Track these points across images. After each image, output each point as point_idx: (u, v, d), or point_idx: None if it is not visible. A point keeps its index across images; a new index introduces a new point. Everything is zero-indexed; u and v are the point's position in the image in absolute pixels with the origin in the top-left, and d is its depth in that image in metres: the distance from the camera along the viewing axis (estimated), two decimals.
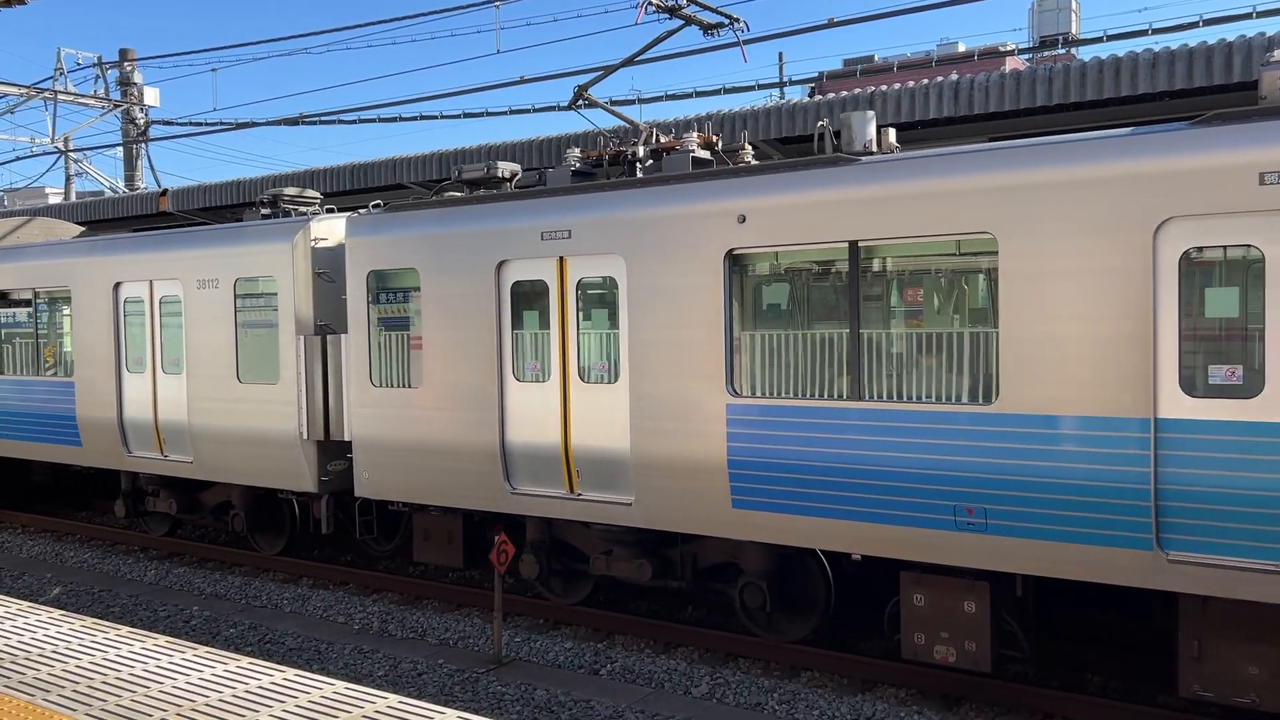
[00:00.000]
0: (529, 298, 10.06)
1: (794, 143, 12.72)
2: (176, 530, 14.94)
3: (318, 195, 13.39)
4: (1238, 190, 6.53)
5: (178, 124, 29.13)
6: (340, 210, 13.09)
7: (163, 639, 5.98)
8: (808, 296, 8.56)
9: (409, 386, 10.82)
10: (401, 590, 12.07)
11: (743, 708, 8.54)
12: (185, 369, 12.92)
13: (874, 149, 8.74)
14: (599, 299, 9.63)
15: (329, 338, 11.54)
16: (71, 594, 12.73)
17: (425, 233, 10.60)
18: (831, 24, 14.93)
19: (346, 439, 11.42)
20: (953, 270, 7.94)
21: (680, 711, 8.44)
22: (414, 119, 22.01)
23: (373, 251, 11.01)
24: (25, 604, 6.81)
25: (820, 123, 9.51)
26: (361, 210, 11.53)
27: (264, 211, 13.10)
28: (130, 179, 28.72)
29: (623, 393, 9.38)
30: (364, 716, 4.68)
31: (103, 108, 28.20)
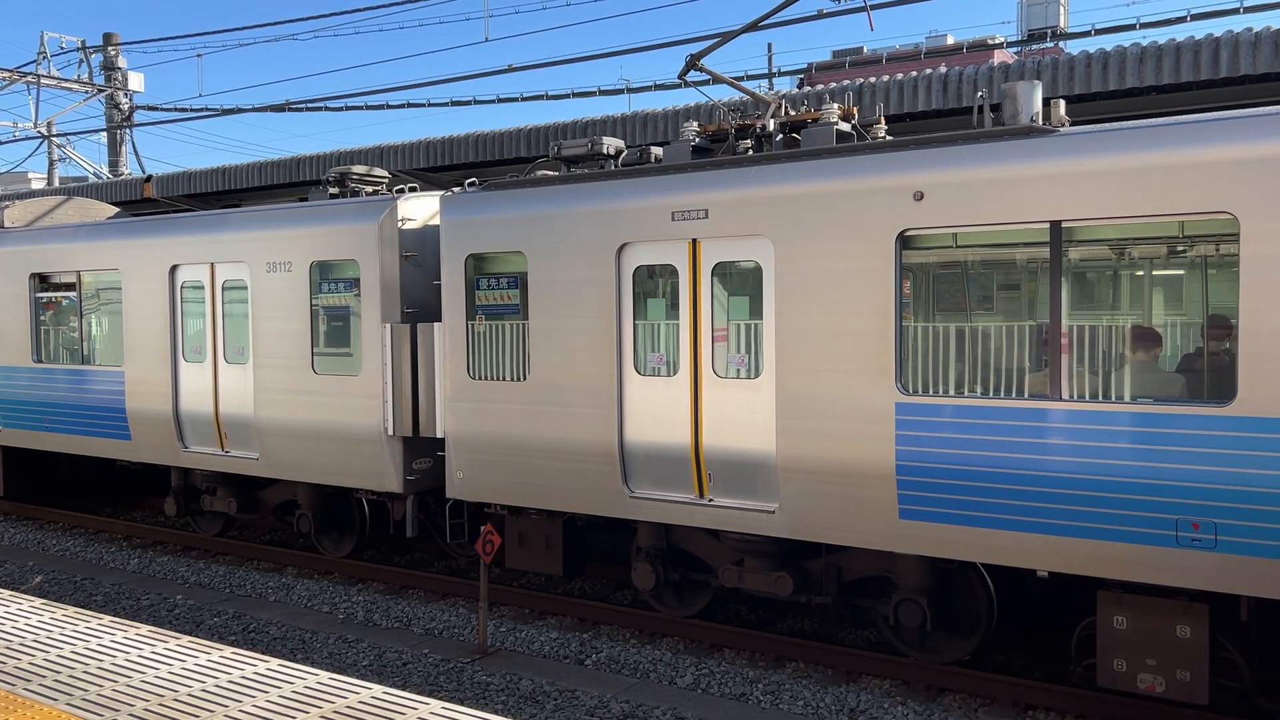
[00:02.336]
0: (654, 284, 9.17)
1: (918, 118, 11.89)
2: (228, 531, 14.06)
3: (385, 174, 12.47)
4: None
5: (162, 110, 29.03)
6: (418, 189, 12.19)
7: (145, 628, 6.00)
8: (995, 283, 7.69)
9: (513, 380, 9.93)
10: (387, 580, 12.00)
11: (728, 698, 8.48)
12: (251, 359, 12.00)
13: (1040, 122, 7.88)
14: (739, 285, 8.75)
15: (419, 326, 10.64)
16: (53, 582, 12.45)
17: (533, 213, 9.70)
18: (821, 15, 14.37)
19: (437, 436, 10.53)
20: (1181, 255, 7.07)
21: (665, 702, 8.33)
22: (401, 106, 21.45)
23: (472, 233, 10.11)
24: (6, 592, 6.75)
25: (979, 94, 8.64)
26: (456, 188, 10.63)
27: (332, 191, 12.18)
28: (114, 165, 28.33)
29: (767, 389, 8.51)
30: (348, 707, 4.71)
31: (86, 93, 27.93)
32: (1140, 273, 7.22)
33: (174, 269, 12.81)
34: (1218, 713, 7.53)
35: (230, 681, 5.12)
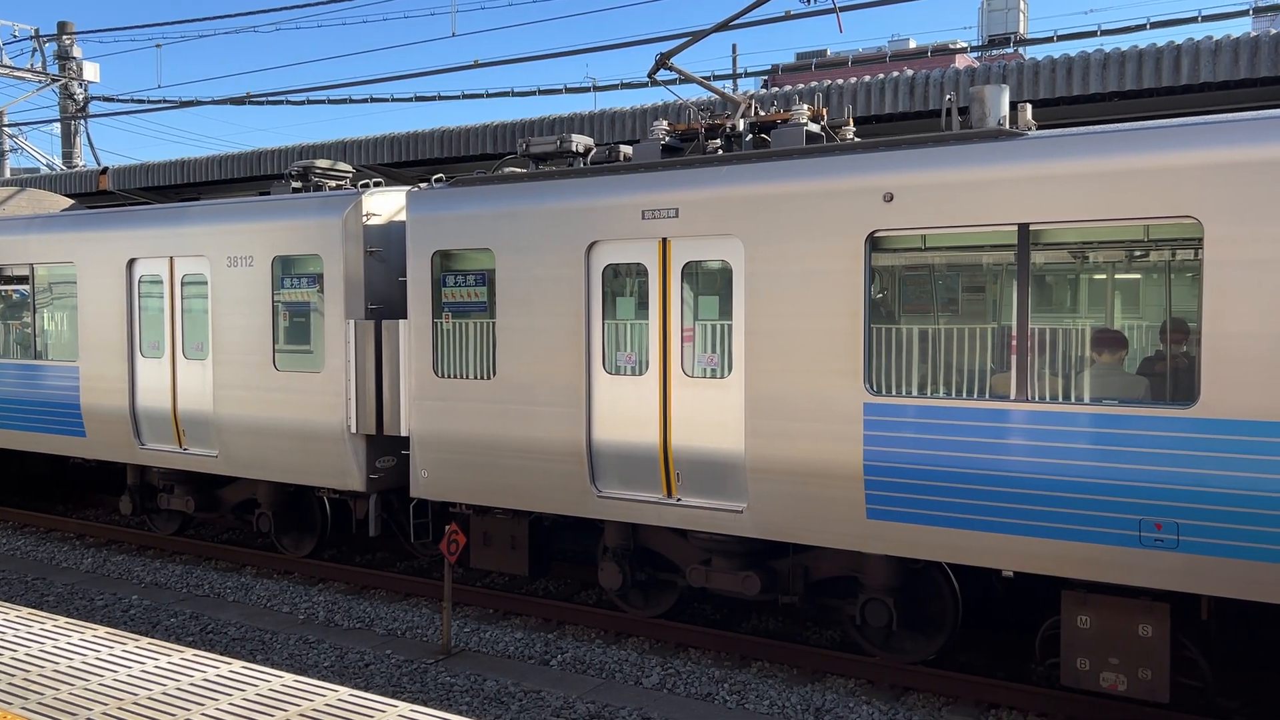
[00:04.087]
0: (624, 283, 9.13)
1: (885, 121, 11.96)
2: (186, 530, 13.81)
3: (349, 169, 12.32)
4: None
5: (119, 101, 28.59)
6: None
7: (103, 630, 5.87)
8: (963, 284, 7.74)
9: (480, 378, 9.84)
10: (348, 580, 11.87)
11: (693, 698, 8.46)
12: (211, 355, 11.79)
13: (1007, 125, 7.95)
14: (709, 285, 8.74)
15: (384, 323, 10.51)
16: (3, 582, 12.18)
17: (502, 209, 9.62)
18: (789, 16, 14.52)
19: (402, 434, 10.41)
20: (1145, 259, 7.16)
21: (631, 702, 8.30)
22: (364, 101, 21.31)
23: (439, 229, 10.00)
24: None
25: (948, 97, 8.71)
26: (423, 184, 10.51)
27: (294, 185, 12.00)
28: (68, 156, 27.85)
29: (736, 389, 8.50)
30: (315, 710, 4.61)
31: (40, 82, 27.40)
32: (1105, 276, 7.30)
33: (131, 262, 12.55)
34: (1178, 711, 7.64)
35: (192, 684, 5.01)
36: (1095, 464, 7.02)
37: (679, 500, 8.87)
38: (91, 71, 28.51)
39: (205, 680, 5.08)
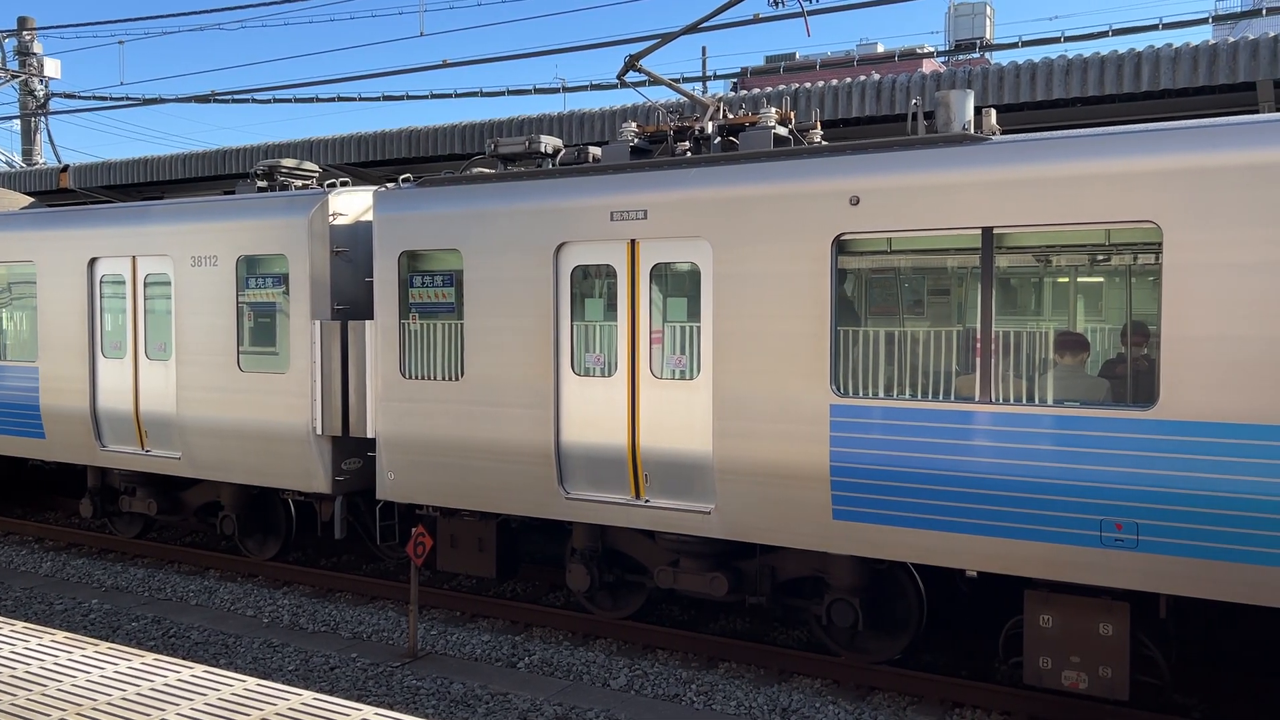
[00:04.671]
0: (592, 284, 9.13)
1: (852, 124, 12.05)
2: (148, 533, 13.63)
3: (316, 168, 12.22)
4: None
5: (80, 98, 28.18)
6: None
7: (61, 634, 5.80)
8: (928, 287, 7.82)
9: (448, 379, 9.80)
10: (313, 583, 11.79)
11: (661, 699, 8.48)
12: (174, 355, 11.65)
13: (972, 130, 8.04)
14: (677, 286, 8.76)
15: (350, 324, 10.43)
16: None
17: (470, 210, 9.58)
18: (757, 19, 14.65)
19: (368, 436, 10.34)
20: (1107, 262, 7.27)
21: (598, 704, 8.30)
22: (331, 100, 21.15)
23: (406, 229, 9.95)
24: None
25: (914, 101, 8.79)
26: (390, 184, 10.46)
27: (260, 184, 11.89)
28: (28, 154, 27.41)
29: (704, 390, 8.53)
30: (278, 714, 4.58)
31: None
32: (1068, 279, 7.40)
33: (93, 262, 12.38)
34: (1137, 708, 7.75)
35: (153, 689, 4.95)
36: (1058, 465, 7.11)
37: (647, 502, 8.88)
38: (52, 68, 28.12)
39: (167, 685, 5.02)
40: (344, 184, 11.39)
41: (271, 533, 12.21)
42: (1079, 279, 7.46)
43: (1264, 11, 15.67)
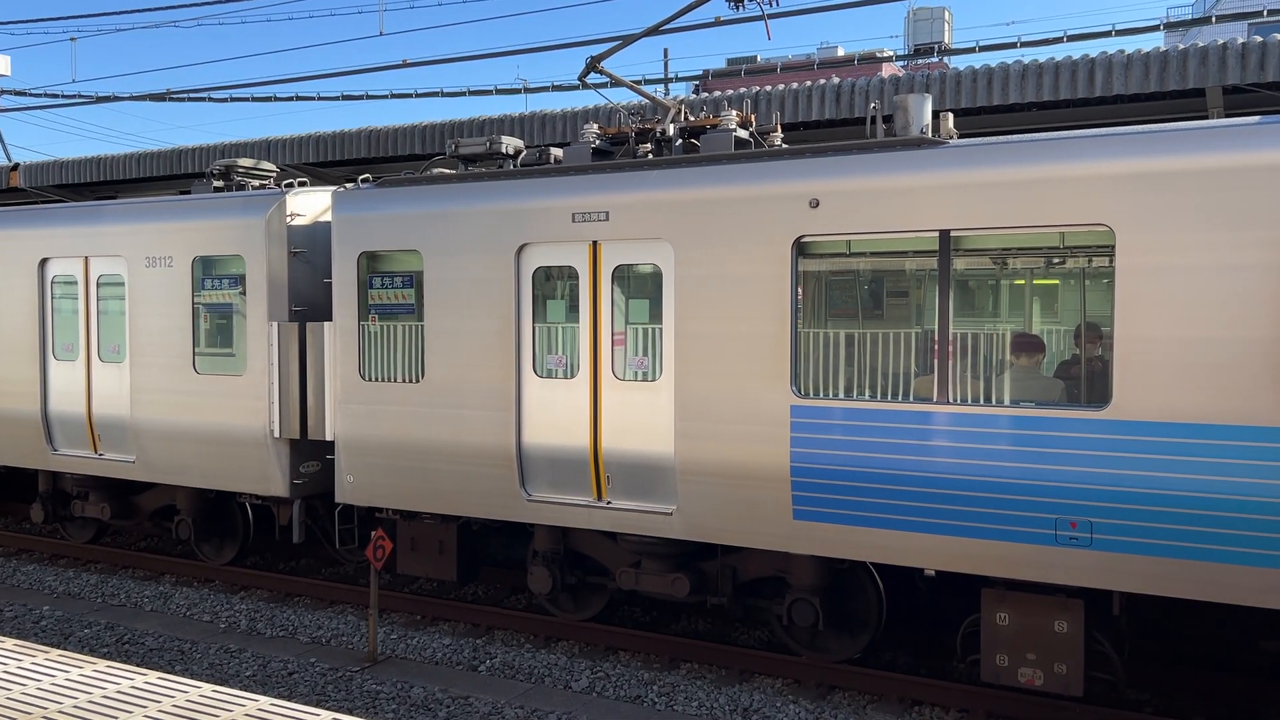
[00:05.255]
0: (554, 286, 9.12)
1: (812, 127, 12.13)
2: (101, 538, 13.39)
3: (273, 168, 12.09)
4: None
5: (31, 95, 27.61)
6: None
7: (10, 642, 5.76)
8: (886, 289, 7.89)
9: (408, 381, 9.73)
10: (271, 587, 11.67)
11: (623, 700, 8.48)
12: (128, 357, 11.47)
13: (929, 134, 8.13)
14: (639, 288, 8.77)
15: (308, 325, 10.33)
16: None
17: (430, 211, 9.52)
18: (718, 22, 14.75)
19: (327, 439, 10.24)
20: (1062, 265, 7.38)
21: (560, 706, 8.29)
22: (290, 99, 20.97)
23: (365, 230, 9.87)
24: None
25: (872, 105, 8.87)
26: (349, 184, 10.37)
27: (216, 184, 11.74)
28: None
29: (666, 392, 8.54)
30: None
31: None
32: (1024, 281, 7.50)
33: (44, 262, 12.15)
34: (1091, 704, 7.87)
35: (105, 697, 4.87)
36: (1014, 465, 7.20)
37: (609, 503, 8.88)
38: (2, 64, 27.60)
39: (120, 692, 4.94)
40: (302, 184, 11.28)
41: (228, 537, 12.06)
42: (1035, 281, 7.57)
43: (1214, 19, 16.03)
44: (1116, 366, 6.89)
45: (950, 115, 8.26)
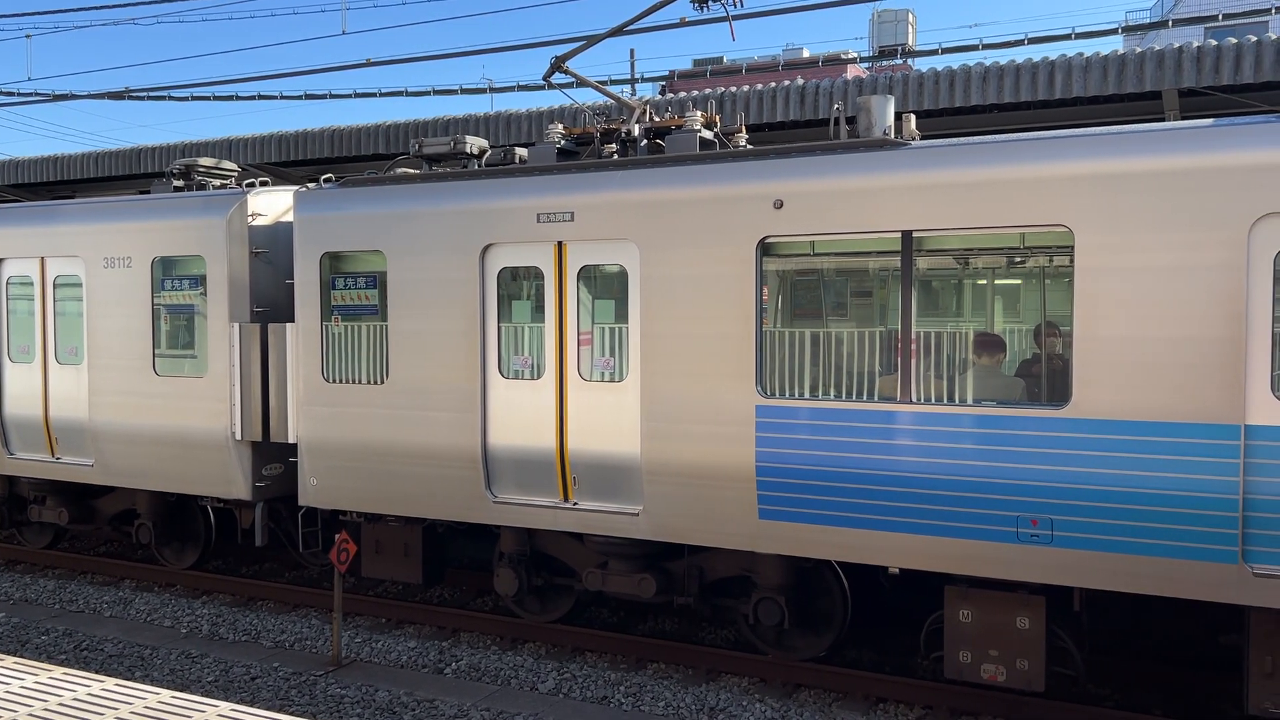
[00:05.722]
0: (519, 286, 9.09)
1: (777, 128, 12.19)
2: (59, 543, 13.18)
3: (235, 168, 11.96)
4: None
5: None
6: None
7: None
8: (850, 289, 7.94)
9: (371, 383, 9.65)
10: (234, 591, 11.56)
11: (590, 701, 8.47)
12: (86, 359, 11.29)
13: (892, 135, 8.20)
14: (605, 289, 8.76)
15: (270, 326, 10.22)
16: None
17: (393, 211, 9.46)
18: (684, 23, 14.82)
19: (289, 441, 10.14)
20: (1021, 265, 7.46)
21: (527, 708, 8.27)
22: (252, 98, 20.76)
23: (328, 230, 9.78)
24: None
25: (836, 106, 8.93)
26: (311, 184, 10.27)
27: (176, 184, 11.59)
28: None
29: (632, 392, 8.54)
30: None
31: None
32: (986, 281, 7.58)
33: None
34: (1053, 699, 7.97)
35: (61, 705, 4.80)
36: (976, 463, 7.27)
37: (575, 504, 8.86)
38: None
39: (76, 700, 4.87)
40: (264, 184, 11.16)
41: (190, 541, 11.91)
42: (996, 281, 7.66)
43: (1170, 23, 16.31)
44: (1076, 366, 6.97)
45: (913, 117, 8.34)
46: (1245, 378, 6.54)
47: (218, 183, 11.49)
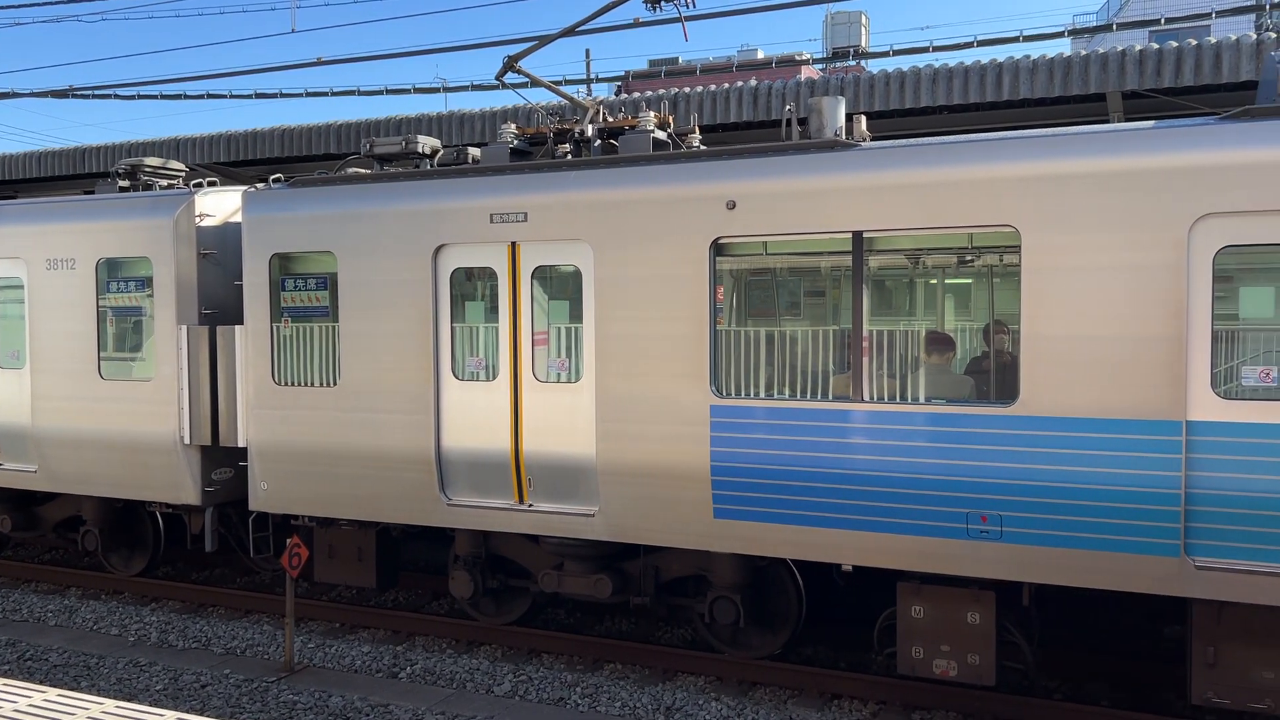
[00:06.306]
0: (473, 287, 9.04)
1: (730, 129, 12.24)
2: (2, 551, 12.88)
3: (182, 168, 11.77)
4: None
5: None
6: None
7: None
8: (803, 289, 7.99)
9: (323, 385, 9.54)
10: (183, 598, 11.40)
11: (546, 703, 8.46)
12: (28, 363, 11.04)
13: (843, 136, 8.27)
14: (560, 289, 8.74)
15: (219, 329, 10.07)
16: None
17: (344, 211, 9.36)
18: (637, 23, 14.90)
19: (239, 445, 10.00)
20: (969, 265, 7.56)
21: (482, 711, 8.23)
22: (200, 97, 20.46)
23: (278, 231, 9.65)
24: None
25: (787, 108, 8.99)
26: (260, 184, 10.13)
27: (121, 184, 11.37)
28: None
29: (587, 393, 8.53)
30: None
31: None
32: (936, 281, 7.67)
33: None
34: (1004, 693, 8.08)
35: (2, 716, 4.69)
36: (927, 460, 7.36)
37: (530, 506, 8.83)
38: None
39: (17, 711, 4.77)
40: (212, 184, 10.99)
41: (138, 548, 11.70)
42: (946, 280, 7.75)
43: (1114, 26, 16.65)
44: (1023, 364, 7.08)
45: (864, 118, 8.42)
46: (1186, 375, 6.69)
47: (165, 183, 11.30)
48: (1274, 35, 10.16)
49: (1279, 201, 6.43)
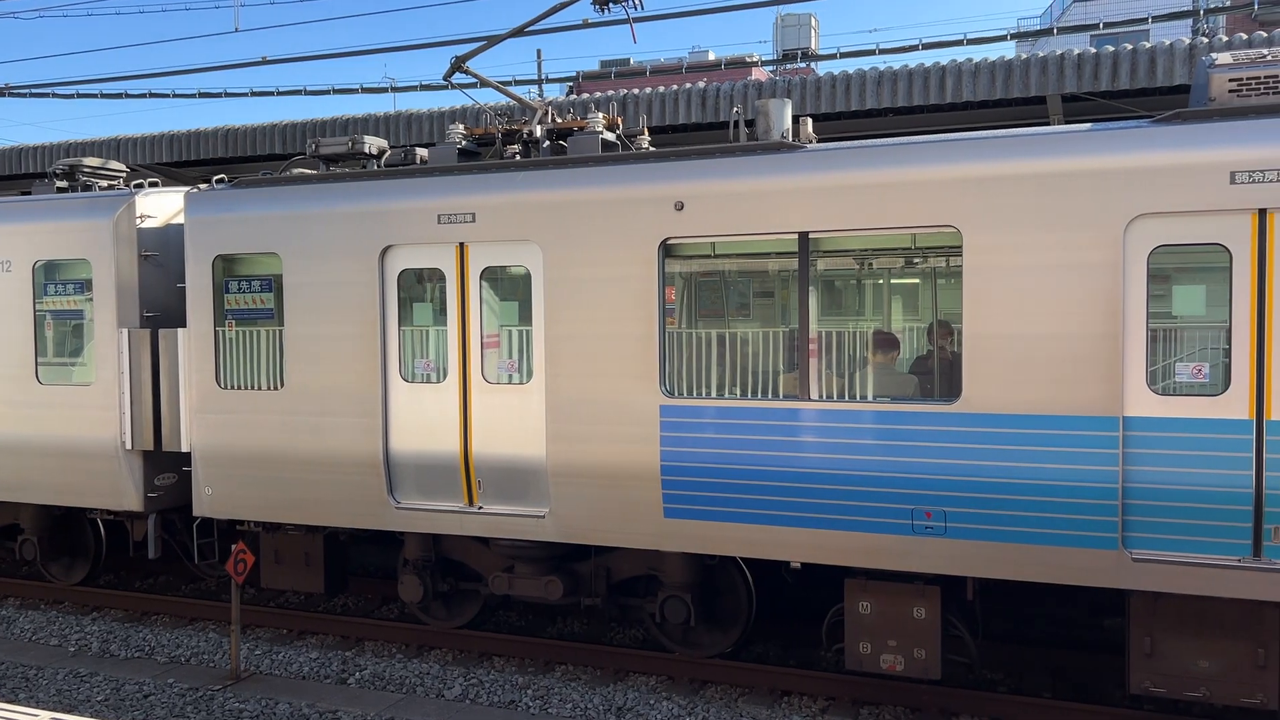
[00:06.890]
0: (420, 288, 8.97)
1: (679, 130, 12.29)
2: None
3: (123, 168, 11.54)
4: (1207, 189, 6.61)
5: None
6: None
7: None
8: (750, 290, 8.05)
9: (268, 389, 9.42)
10: (126, 606, 11.20)
11: (497, 707, 8.44)
12: None
13: (789, 138, 8.35)
14: (509, 290, 8.71)
15: (161, 331, 9.89)
16: None
17: (289, 212, 9.25)
18: (586, 24, 14.97)
19: (183, 450, 9.83)
20: (914, 265, 7.67)
21: (433, 715, 8.24)
22: (142, 96, 20.11)
23: (221, 232, 9.51)
24: None
25: (735, 109, 9.06)
26: (203, 185, 9.98)
27: (59, 185, 11.13)
28: None
29: (536, 394, 8.51)
30: None
31: None
32: (881, 281, 7.77)
33: None
34: (949, 686, 8.21)
35: None
36: (873, 458, 7.45)
37: (480, 508, 8.79)
38: None
39: None
40: (154, 185, 10.81)
41: (79, 556, 11.46)
42: (891, 280, 7.85)
43: (1055, 30, 16.97)
44: (965, 362, 7.20)
45: (810, 120, 8.51)
46: (1123, 371, 6.84)
47: (104, 184, 11.08)
48: (1206, 40, 10.43)
49: (1209, 202, 6.61)
